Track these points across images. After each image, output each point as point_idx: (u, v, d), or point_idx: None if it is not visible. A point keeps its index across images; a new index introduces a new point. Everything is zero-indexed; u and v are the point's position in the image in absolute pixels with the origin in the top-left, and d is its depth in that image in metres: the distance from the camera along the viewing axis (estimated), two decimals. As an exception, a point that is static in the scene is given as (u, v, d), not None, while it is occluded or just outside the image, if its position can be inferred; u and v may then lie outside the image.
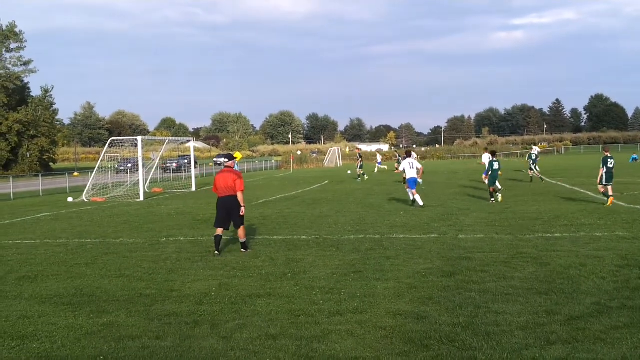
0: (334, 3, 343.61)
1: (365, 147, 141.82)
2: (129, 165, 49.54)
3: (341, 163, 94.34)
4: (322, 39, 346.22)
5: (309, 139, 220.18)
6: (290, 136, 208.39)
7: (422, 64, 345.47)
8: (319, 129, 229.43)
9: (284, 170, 73.67)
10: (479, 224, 17.39)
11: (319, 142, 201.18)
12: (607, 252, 12.25)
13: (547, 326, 7.59)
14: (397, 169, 34.88)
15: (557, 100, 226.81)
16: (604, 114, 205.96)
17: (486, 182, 25.30)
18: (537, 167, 35.71)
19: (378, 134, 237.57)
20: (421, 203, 22.48)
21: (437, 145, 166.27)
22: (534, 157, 35.33)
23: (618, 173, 41.89)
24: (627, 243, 13.30)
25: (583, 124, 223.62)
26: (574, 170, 49.23)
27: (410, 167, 23.34)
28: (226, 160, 15.07)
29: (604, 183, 21.84)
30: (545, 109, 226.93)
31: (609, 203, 21.00)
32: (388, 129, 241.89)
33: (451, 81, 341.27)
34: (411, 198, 23.35)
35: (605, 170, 21.88)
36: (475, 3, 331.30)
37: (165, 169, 60.39)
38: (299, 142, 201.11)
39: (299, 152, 76.15)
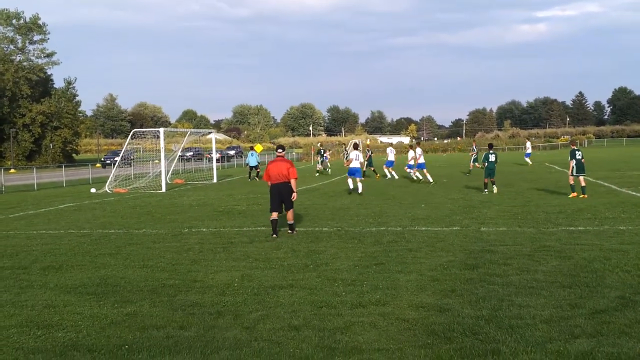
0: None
1: (386, 140, 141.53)
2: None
3: (363, 158, 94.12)
4: (345, 31, 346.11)
5: (330, 131, 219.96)
6: (310, 128, 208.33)
7: (445, 56, 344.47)
8: (340, 121, 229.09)
9: (305, 162, 73.74)
10: (501, 216, 17.30)
11: (340, 134, 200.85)
12: (631, 246, 12.14)
13: (571, 319, 7.54)
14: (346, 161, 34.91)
15: (580, 93, 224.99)
16: (627, 107, 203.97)
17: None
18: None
19: (399, 127, 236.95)
20: (360, 190, 25.58)
21: (459, 138, 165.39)
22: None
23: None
24: (652, 237, 13.17)
25: (606, 117, 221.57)
26: (597, 164, 48.71)
27: (356, 159, 26.45)
28: (280, 150, 16.12)
29: (574, 174, 22.69)
30: (568, 102, 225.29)
31: (571, 195, 22.14)
32: (409, 121, 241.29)
33: (473, 74, 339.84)
34: (351, 186, 26.45)
35: (575, 162, 22.76)
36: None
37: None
38: (319, 134, 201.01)
39: (319, 144, 76.07)
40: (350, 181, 26.72)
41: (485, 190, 24.39)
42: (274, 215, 15.13)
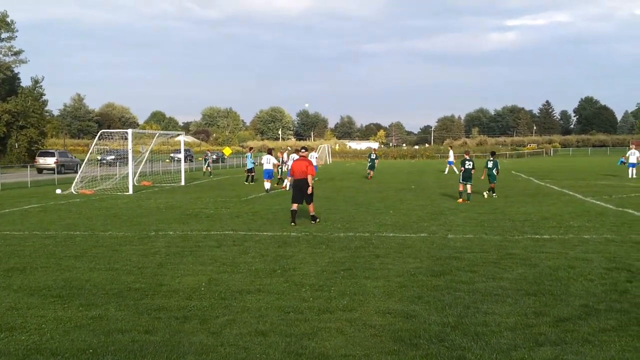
0: (330, 0, 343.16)
1: (355, 145, 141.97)
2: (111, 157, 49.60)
3: (330, 160, 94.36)
4: (316, 35, 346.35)
5: (299, 136, 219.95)
6: (280, 132, 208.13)
7: (415, 63, 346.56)
8: (309, 126, 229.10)
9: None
10: (468, 224, 17.45)
11: (309, 139, 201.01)
12: (595, 255, 12.32)
13: (536, 327, 7.63)
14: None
15: (547, 102, 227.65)
16: (593, 117, 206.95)
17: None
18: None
19: (368, 132, 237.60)
20: (267, 187, 30.52)
21: (427, 145, 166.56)
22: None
23: (607, 176, 42.21)
24: (615, 246, 13.38)
25: (572, 126, 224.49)
26: (563, 172, 49.49)
27: (267, 162, 31.87)
28: (304, 151, 19.35)
29: (461, 181, 24.71)
30: (535, 111, 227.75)
31: (458, 201, 24.04)
32: (378, 127, 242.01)
33: (443, 80, 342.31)
34: (266, 187, 30.72)
35: (463, 170, 24.67)
36: (470, 3, 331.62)
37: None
38: (288, 139, 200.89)
39: (288, 148, 76.14)
40: (266, 183, 31.12)
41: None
42: (294, 206, 18.02)
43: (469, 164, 24.90)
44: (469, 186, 24.50)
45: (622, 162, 69.39)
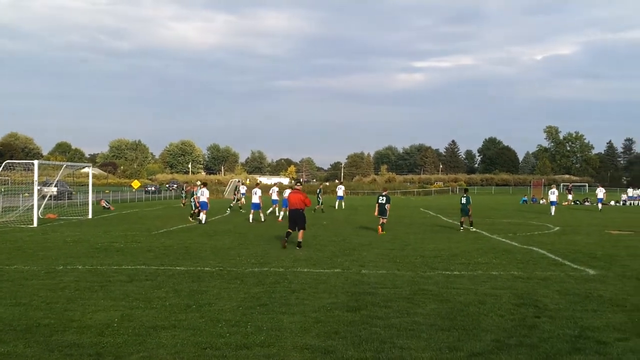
0: (242, 37, 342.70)
1: (266, 180, 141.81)
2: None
3: (237, 195, 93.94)
4: (228, 71, 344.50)
5: (209, 169, 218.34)
6: (190, 166, 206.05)
7: (326, 100, 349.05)
8: (220, 160, 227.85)
9: (181, 199, 72.53)
10: (381, 259, 17.69)
11: (219, 173, 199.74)
12: (504, 291, 12.70)
13: (451, 362, 7.79)
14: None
15: (453, 141, 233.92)
16: (496, 157, 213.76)
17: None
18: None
19: (279, 167, 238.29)
20: (202, 218, 32.40)
21: (337, 181, 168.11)
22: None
23: (511, 214, 43.69)
24: (522, 282, 13.83)
25: (477, 165, 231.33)
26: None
27: (202, 195, 33.18)
28: (298, 185, 22.98)
29: (377, 215, 27.31)
30: (442, 150, 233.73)
31: (379, 232, 26.19)
32: (289, 162, 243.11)
33: (353, 118, 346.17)
34: (200, 218, 32.57)
35: (377, 205, 27.41)
36: (379, 45, 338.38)
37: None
38: (198, 172, 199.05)
39: (198, 182, 75.66)
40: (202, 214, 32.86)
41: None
42: (290, 230, 20.99)
43: (382, 199, 27.25)
44: (385, 220, 27.03)
45: (525, 202, 72.35)
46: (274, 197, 40.12)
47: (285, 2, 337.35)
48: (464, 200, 29.30)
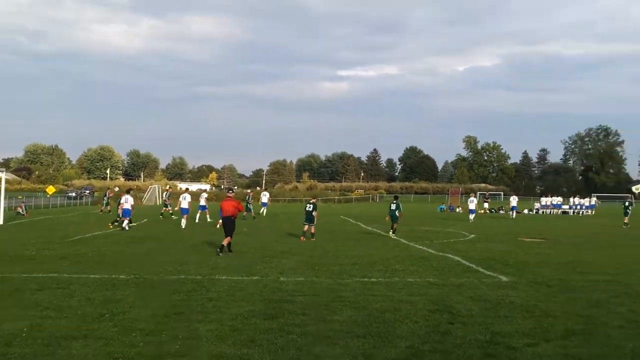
0: (167, 41, 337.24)
1: (187, 187, 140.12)
2: None
3: (161, 201, 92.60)
4: (150, 76, 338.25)
5: (129, 176, 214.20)
6: (108, 171, 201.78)
7: (251, 107, 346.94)
8: (140, 166, 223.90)
9: (100, 206, 71.03)
10: (300, 267, 17.71)
11: (139, 179, 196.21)
12: (419, 297, 12.90)
13: (366, 368, 7.85)
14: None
15: (374, 149, 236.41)
16: (416, 165, 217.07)
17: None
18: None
19: (200, 174, 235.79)
20: (125, 225, 31.62)
21: (258, 188, 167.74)
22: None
23: (429, 222, 44.44)
24: (437, 289, 14.08)
25: (397, 173, 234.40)
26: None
27: (126, 202, 32.43)
28: (231, 192, 23.86)
29: (304, 222, 28.01)
30: (364, 158, 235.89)
31: (301, 238, 27.00)
32: (210, 169, 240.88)
33: (276, 125, 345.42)
34: (124, 225, 31.77)
35: (305, 212, 28.07)
36: (304, 52, 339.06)
37: None
38: (117, 178, 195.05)
39: (116, 189, 73.82)
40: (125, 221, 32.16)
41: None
42: (227, 239, 21.15)
43: (309, 207, 28.07)
44: (312, 227, 27.59)
45: (442, 209, 73.83)
46: (202, 202, 40.97)
47: (211, 8, 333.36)
48: (393, 207, 30.71)
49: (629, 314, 11.50)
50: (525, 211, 69.17)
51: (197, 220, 38.39)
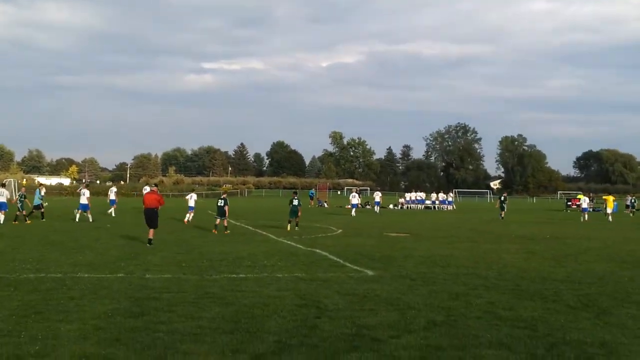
0: (20, 28, 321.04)
1: (45, 180, 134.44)
2: None
3: (16, 196, 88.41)
4: (2, 64, 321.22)
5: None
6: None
7: (112, 99, 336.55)
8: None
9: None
10: (166, 263, 17.43)
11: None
12: (287, 292, 13.02)
13: (234, 365, 7.84)
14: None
15: (242, 144, 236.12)
16: (284, 160, 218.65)
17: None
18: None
19: (59, 167, 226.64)
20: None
21: (122, 182, 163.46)
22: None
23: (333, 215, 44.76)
24: (305, 284, 14.26)
25: (265, 168, 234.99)
26: (257, 213, 51.66)
27: (1, 195, 33.05)
28: (154, 186, 24.76)
29: (216, 216, 29.74)
30: (231, 152, 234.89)
31: (213, 231, 28.50)
32: (70, 162, 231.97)
33: (139, 118, 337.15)
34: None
35: (217, 207, 29.60)
36: (170, 44, 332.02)
37: None
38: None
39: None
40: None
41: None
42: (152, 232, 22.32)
43: (221, 202, 29.61)
44: (225, 220, 29.21)
45: (312, 195, 75.38)
46: (112, 197, 42.80)
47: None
48: (295, 202, 32.00)
49: (486, 305, 12.09)
50: (391, 206, 71.21)
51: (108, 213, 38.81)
